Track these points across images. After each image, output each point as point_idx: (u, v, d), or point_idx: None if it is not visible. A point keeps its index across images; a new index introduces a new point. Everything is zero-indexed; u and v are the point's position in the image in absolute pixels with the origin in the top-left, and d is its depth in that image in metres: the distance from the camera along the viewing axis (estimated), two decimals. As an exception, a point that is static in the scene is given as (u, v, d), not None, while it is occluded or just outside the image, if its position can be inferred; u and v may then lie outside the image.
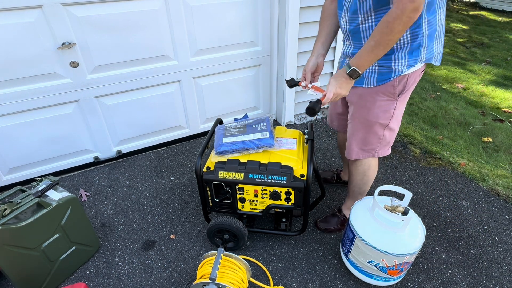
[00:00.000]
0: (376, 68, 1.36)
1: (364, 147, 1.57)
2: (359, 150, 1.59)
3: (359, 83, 1.43)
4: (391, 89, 1.38)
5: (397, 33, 1.15)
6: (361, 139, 1.56)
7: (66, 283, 1.62)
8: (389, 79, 1.35)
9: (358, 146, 1.58)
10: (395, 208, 1.37)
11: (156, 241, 1.84)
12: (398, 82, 1.36)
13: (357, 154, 1.60)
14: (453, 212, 2.02)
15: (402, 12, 1.10)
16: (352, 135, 1.58)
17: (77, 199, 1.57)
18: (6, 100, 1.92)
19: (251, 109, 2.88)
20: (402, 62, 1.31)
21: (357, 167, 1.67)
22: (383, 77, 1.36)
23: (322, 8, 1.56)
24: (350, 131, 1.60)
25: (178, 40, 2.23)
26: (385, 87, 1.38)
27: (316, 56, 1.54)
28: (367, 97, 1.44)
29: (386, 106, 1.43)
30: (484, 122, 3.09)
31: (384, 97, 1.41)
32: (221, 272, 1.38)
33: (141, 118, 2.42)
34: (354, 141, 1.58)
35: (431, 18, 1.23)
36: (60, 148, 2.24)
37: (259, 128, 1.59)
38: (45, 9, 1.79)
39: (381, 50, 1.21)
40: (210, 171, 1.55)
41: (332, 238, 1.85)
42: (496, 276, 1.64)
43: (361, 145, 1.57)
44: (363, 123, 1.51)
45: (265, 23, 2.48)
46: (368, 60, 1.25)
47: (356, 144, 1.58)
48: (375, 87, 1.39)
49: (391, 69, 1.33)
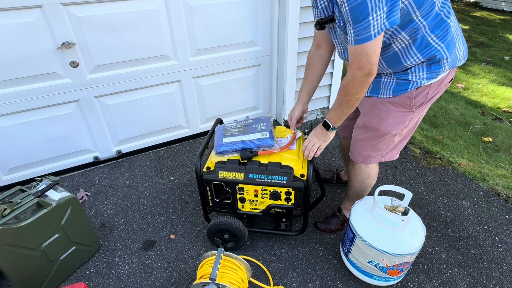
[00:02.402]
0: (394, 79, 1.32)
1: (372, 153, 1.55)
2: (367, 156, 1.56)
3: (375, 92, 1.39)
4: (407, 101, 1.33)
5: (354, 94, 1.23)
6: (370, 146, 1.52)
7: (66, 283, 1.62)
8: (405, 90, 1.30)
9: (366, 152, 1.55)
10: (395, 208, 1.37)
11: (156, 241, 1.84)
12: (416, 94, 1.31)
13: (364, 160, 1.58)
14: (453, 212, 2.02)
15: (353, 78, 1.18)
16: (361, 141, 1.54)
17: (77, 199, 1.57)
18: (6, 100, 1.92)
19: (251, 109, 2.88)
20: (420, 75, 1.27)
21: (356, 175, 1.65)
22: (400, 87, 1.31)
23: (308, 56, 1.63)
24: (358, 136, 1.55)
25: (178, 40, 2.22)
26: (400, 98, 1.33)
27: (302, 104, 1.64)
28: (380, 106, 1.39)
29: (401, 117, 1.39)
30: (484, 122, 3.09)
31: (399, 108, 1.36)
32: (221, 272, 1.38)
33: (141, 118, 2.42)
34: (363, 147, 1.55)
35: (441, 31, 1.19)
36: (60, 148, 2.24)
37: (259, 128, 1.59)
38: (45, 9, 1.79)
39: (344, 108, 1.30)
40: (210, 171, 1.55)
41: (332, 238, 1.85)
42: (496, 276, 1.64)
43: (370, 152, 1.54)
44: (374, 132, 1.47)
45: (265, 23, 2.48)
46: (336, 116, 1.36)
47: (364, 150, 1.55)
48: (391, 97, 1.35)
49: (409, 81, 1.29)
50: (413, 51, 1.21)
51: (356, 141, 1.57)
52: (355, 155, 1.60)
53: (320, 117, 3.10)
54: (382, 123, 1.42)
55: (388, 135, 1.45)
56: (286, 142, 1.61)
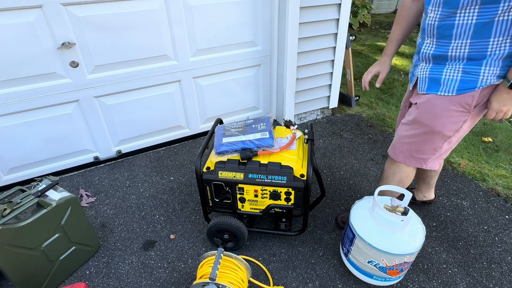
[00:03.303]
0: (459, 74, 1.20)
1: (415, 154, 1.45)
2: (408, 155, 1.48)
3: (433, 89, 1.29)
4: (469, 100, 1.22)
5: None
6: (415, 144, 1.43)
7: (66, 283, 1.62)
8: (472, 89, 1.20)
9: (408, 151, 1.47)
10: (395, 208, 1.37)
11: (156, 241, 1.84)
12: (480, 92, 1.20)
13: (404, 159, 1.50)
14: (453, 212, 2.02)
15: None
16: (406, 137, 1.45)
17: (77, 199, 1.57)
18: (6, 100, 1.92)
19: (251, 109, 2.88)
20: (492, 70, 1.15)
21: (395, 173, 1.56)
22: (466, 85, 1.20)
23: (402, 6, 1.46)
24: (404, 132, 1.46)
25: (178, 40, 2.23)
26: (463, 97, 1.23)
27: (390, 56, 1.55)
28: (438, 103, 1.29)
29: (457, 117, 1.29)
30: (484, 122, 3.09)
31: (458, 108, 1.26)
32: (221, 272, 1.38)
33: (141, 118, 2.42)
34: (406, 144, 1.46)
35: None
36: (60, 148, 2.24)
37: (259, 128, 1.59)
38: (45, 9, 1.79)
39: None
40: (210, 171, 1.55)
41: (332, 238, 1.85)
42: (496, 276, 1.64)
43: (413, 152, 1.45)
44: (425, 129, 1.37)
45: (265, 23, 2.48)
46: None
47: (407, 148, 1.46)
48: (452, 95, 1.24)
49: (478, 77, 1.17)
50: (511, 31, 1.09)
51: (401, 137, 1.48)
52: (396, 152, 1.52)
53: (320, 117, 3.10)
54: (435, 120, 1.31)
55: (438, 135, 1.35)
56: (286, 142, 1.61)
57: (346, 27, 2.65)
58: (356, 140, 2.74)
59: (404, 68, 4.48)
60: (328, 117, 3.12)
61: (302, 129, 2.40)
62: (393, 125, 2.95)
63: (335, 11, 2.53)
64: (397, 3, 7.71)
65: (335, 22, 2.60)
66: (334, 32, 2.64)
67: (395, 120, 3.03)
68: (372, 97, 3.57)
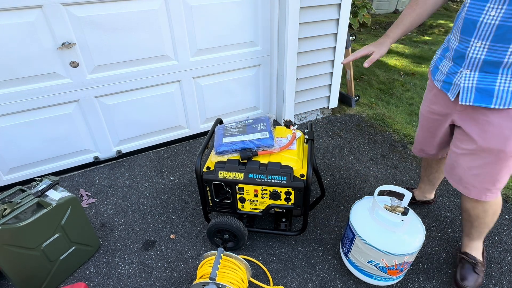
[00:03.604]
0: None
1: (492, 185, 1.27)
2: (484, 189, 1.29)
3: (484, 101, 1.13)
4: None
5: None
6: (490, 175, 1.25)
7: (66, 283, 1.62)
8: None
9: (483, 185, 1.28)
10: (395, 208, 1.37)
11: (156, 241, 1.84)
12: None
13: (478, 193, 1.30)
14: (453, 212, 2.02)
15: None
16: (477, 168, 1.25)
17: (77, 199, 1.57)
18: (6, 100, 1.92)
19: (251, 109, 2.88)
20: None
21: (487, 209, 1.37)
22: None
23: None
24: (471, 163, 1.27)
25: (178, 40, 2.23)
26: None
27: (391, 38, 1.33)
28: (503, 122, 1.13)
29: None
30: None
31: None
32: (221, 272, 1.38)
33: (141, 118, 2.42)
34: (479, 177, 1.27)
35: None
36: (60, 148, 2.24)
37: (259, 128, 1.59)
38: (45, 9, 1.79)
39: None
40: (210, 171, 1.55)
41: (332, 238, 1.85)
42: (496, 276, 1.64)
43: (488, 183, 1.27)
44: (496, 155, 1.19)
45: (265, 23, 2.48)
46: None
47: (479, 181, 1.27)
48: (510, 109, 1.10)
49: None
50: None
51: (470, 168, 1.28)
52: (468, 188, 1.32)
53: (320, 117, 3.10)
54: (506, 142, 1.15)
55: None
56: (286, 142, 1.62)
57: (346, 27, 2.65)
58: (356, 140, 2.74)
59: (404, 68, 4.48)
60: (328, 117, 3.12)
61: (302, 129, 2.40)
62: (393, 125, 2.95)
63: (335, 11, 2.53)
64: (397, 3, 7.71)
65: (335, 22, 2.60)
66: (334, 32, 2.64)
67: (395, 120, 3.03)
68: (372, 97, 3.57)
